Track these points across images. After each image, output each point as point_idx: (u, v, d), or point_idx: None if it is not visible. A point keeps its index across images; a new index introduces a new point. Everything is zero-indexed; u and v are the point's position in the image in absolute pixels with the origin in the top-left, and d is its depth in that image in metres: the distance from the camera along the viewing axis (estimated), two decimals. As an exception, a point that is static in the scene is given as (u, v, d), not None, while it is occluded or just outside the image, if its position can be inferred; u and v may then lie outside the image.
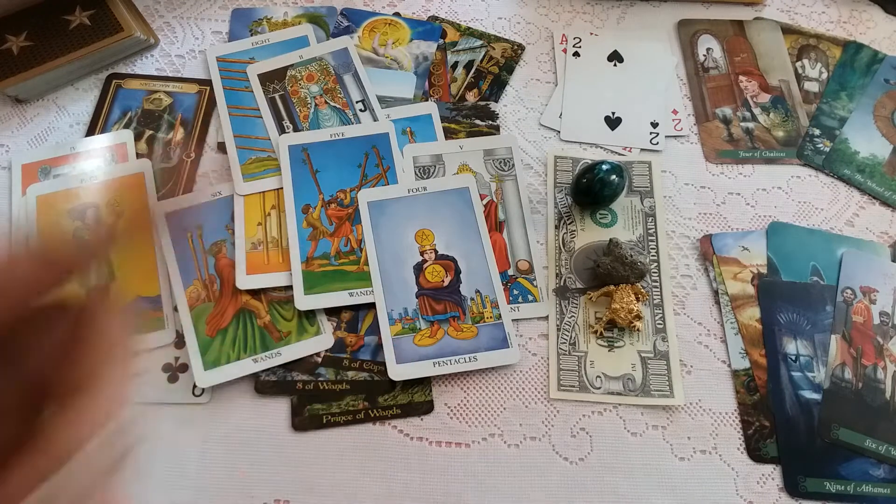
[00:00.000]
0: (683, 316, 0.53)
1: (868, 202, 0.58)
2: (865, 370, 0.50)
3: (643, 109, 0.62)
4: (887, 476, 0.47)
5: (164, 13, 0.66)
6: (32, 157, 0.58)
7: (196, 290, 0.53)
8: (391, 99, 0.61)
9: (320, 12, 0.66)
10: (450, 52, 0.64)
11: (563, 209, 0.57)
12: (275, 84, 0.61)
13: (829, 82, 0.64)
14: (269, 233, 0.55)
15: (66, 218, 0.55)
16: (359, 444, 0.48)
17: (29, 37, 0.60)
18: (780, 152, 0.60)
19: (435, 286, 0.53)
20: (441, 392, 0.50)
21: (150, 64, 0.63)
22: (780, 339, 0.51)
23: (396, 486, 0.47)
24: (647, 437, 0.49)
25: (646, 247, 0.55)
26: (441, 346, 0.51)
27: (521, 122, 0.61)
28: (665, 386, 0.50)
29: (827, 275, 0.54)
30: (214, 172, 0.58)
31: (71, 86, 0.62)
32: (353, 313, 0.52)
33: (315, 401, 0.49)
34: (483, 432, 0.49)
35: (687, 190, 0.58)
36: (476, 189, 0.56)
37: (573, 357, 0.51)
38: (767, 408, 0.49)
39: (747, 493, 0.47)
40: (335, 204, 0.56)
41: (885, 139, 0.61)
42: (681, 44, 0.66)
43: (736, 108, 0.62)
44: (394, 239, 0.54)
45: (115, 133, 0.59)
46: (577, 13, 0.67)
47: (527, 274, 0.54)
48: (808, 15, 0.68)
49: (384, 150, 0.58)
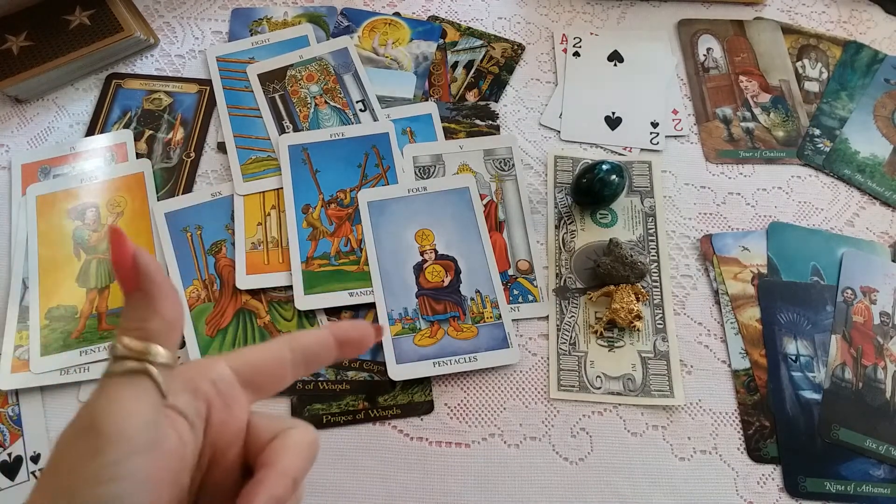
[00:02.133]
0: (683, 316, 0.53)
1: (868, 202, 0.58)
2: (865, 370, 0.50)
3: (643, 109, 0.62)
4: (887, 476, 0.47)
5: (164, 13, 0.66)
6: (32, 157, 0.58)
7: (196, 290, 0.53)
8: (391, 99, 0.61)
9: (320, 12, 0.66)
10: (450, 52, 0.64)
11: (563, 209, 0.57)
12: (275, 84, 0.61)
13: (830, 82, 0.64)
14: (268, 233, 0.55)
15: (65, 218, 0.55)
16: (359, 445, 0.48)
17: (29, 37, 0.60)
18: (780, 152, 0.60)
19: (435, 286, 0.53)
20: (441, 392, 0.50)
21: (150, 64, 0.63)
22: (781, 339, 0.51)
23: (396, 486, 0.47)
24: (647, 437, 0.49)
25: (646, 247, 0.55)
26: (441, 346, 0.51)
27: (521, 122, 0.61)
28: (665, 386, 0.50)
29: (827, 275, 0.54)
30: (214, 172, 0.58)
31: (71, 86, 0.62)
32: (353, 313, 0.52)
33: (315, 401, 0.49)
34: (483, 432, 0.49)
35: (687, 190, 0.58)
36: (476, 189, 0.56)
37: (573, 357, 0.51)
38: (767, 408, 0.49)
39: (747, 493, 0.47)
40: (335, 204, 0.56)
41: (885, 139, 0.61)
42: (681, 44, 0.66)
43: (736, 108, 0.62)
44: (394, 239, 0.54)
45: (115, 133, 0.59)
46: (577, 13, 0.67)
47: (527, 274, 0.54)
48: (809, 15, 0.67)
49: (384, 150, 0.58)
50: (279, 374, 0.26)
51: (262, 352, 0.26)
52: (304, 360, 0.27)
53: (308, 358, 0.27)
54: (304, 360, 0.27)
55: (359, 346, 0.28)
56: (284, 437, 0.24)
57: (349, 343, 0.28)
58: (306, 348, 0.27)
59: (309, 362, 0.27)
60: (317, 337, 0.27)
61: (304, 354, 0.27)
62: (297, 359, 0.26)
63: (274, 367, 0.26)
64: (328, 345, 0.27)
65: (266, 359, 0.26)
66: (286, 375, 0.26)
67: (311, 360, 0.27)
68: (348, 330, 0.28)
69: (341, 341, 0.27)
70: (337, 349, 0.28)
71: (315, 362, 0.27)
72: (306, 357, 0.27)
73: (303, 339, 0.27)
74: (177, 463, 0.22)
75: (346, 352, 0.28)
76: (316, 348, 0.27)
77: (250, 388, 0.25)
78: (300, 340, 0.27)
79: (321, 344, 0.27)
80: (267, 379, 0.26)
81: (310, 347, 0.27)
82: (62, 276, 0.53)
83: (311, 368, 0.27)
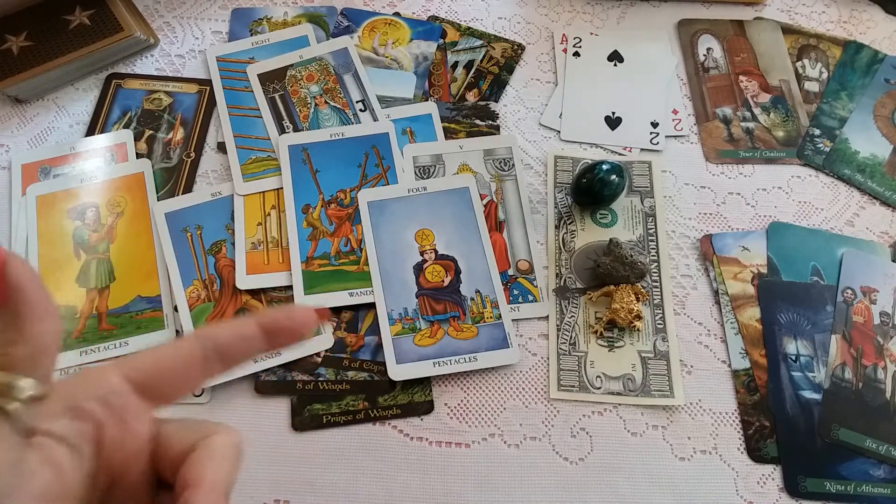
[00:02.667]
0: (683, 316, 0.53)
1: (868, 202, 0.58)
2: (865, 370, 0.50)
3: (643, 109, 0.62)
4: (887, 476, 0.47)
5: (164, 13, 0.66)
6: (32, 157, 0.58)
7: (196, 290, 0.53)
8: (391, 99, 0.61)
9: (320, 12, 0.66)
10: (450, 52, 0.64)
11: (563, 209, 0.57)
12: (275, 84, 0.61)
13: (830, 82, 0.64)
14: (268, 233, 0.55)
15: (66, 218, 0.55)
16: (359, 444, 0.48)
17: (29, 37, 0.60)
18: (780, 152, 0.60)
19: (435, 286, 0.53)
20: (441, 392, 0.50)
21: (150, 64, 0.63)
22: (781, 339, 0.51)
23: (396, 486, 0.47)
24: (647, 437, 0.49)
25: (646, 247, 0.55)
26: (441, 346, 0.51)
27: (521, 122, 0.61)
28: (665, 386, 0.50)
29: (827, 275, 0.54)
30: (214, 172, 0.58)
31: (71, 86, 0.62)
32: (353, 313, 0.52)
33: (315, 401, 0.49)
34: (483, 432, 0.49)
35: (687, 190, 0.58)
36: (476, 189, 0.56)
37: (573, 357, 0.51)
38: (767, 408, 0.49)
39: (747, 493, 0.47)
40: (335, 204, 0.56)
41: (885, 139, 0.61)
42: (681, 44, 0.66)
43: (736, 107, 0.62)
44: (394, 239, 0.54)
45: (115, 133, 0.59)
46: (577, 13, 0.67)
47: (527, 274, 0.54)
48: (809, 15, 0.67)
49: (384, 150, 0.58)
50: (186, 376, 0.23)
51: (163, 353, 0.24)
52: (220, 357, 0.24)
53: (225, 353, 0.24)
54: (219, 357, 0.24)
55: (292, 333, 0.25)
56: (206, 447, 0.22)
57: (279, 332, 0.25)
58: (221, 342, 0.24)
59: (226, 358, 0.24)
60: (236, 329, 0.25)
61: (218, 350, 0.24)
62: (210, 356, 0.24)
63: (178, 369, 0.23)
64: (250, 336, 0.24)
65: (167, 360, 0.23)
66: (196, 376, 0.24)
67: (229, 355, 0.24)
68: (278, 318, 0.25)
69: (269, 330, 0.25)
70: (265, 340, 0.25)
71: (235, 357, 0.25)
72: (222, 352, 0.24)
73: (217, 332, 0.24)
74: (54, 499, 0.20)
75: (278, 341, 0.25)
76: (234, 341, 0.24)
77: (150, 396, 0.23)
78: (214, 334, 0.24)
79: (241, 336, 0.24)
80: (170, 383, 0.23)
81: (226, 341, 0.24)
82: (62, 276, 0.53)
83: (231, 364, 0.24)
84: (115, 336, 0.51)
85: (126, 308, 0.52)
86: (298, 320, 0.25)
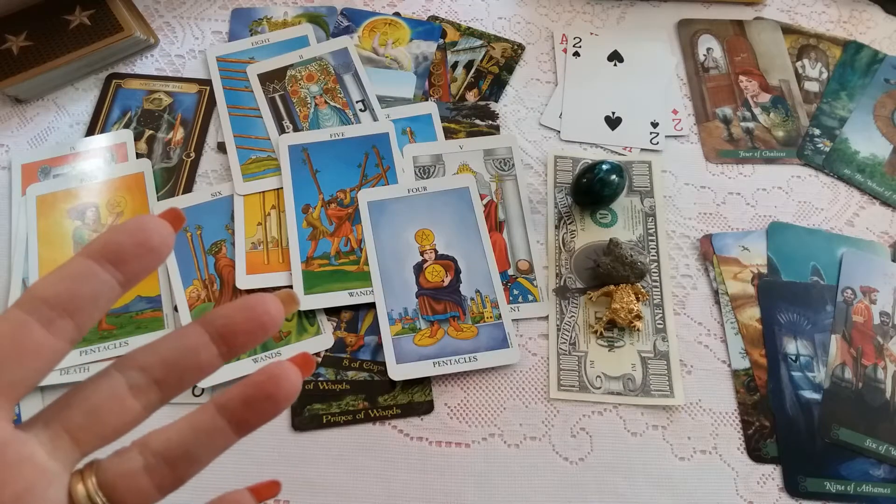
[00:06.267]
0: (683, 316, 0.53)
1: (868, 202, 0.58)
2: (866, 370, 0.50)
3: (643, 109, 0.62)
4: (888, 476, 0.47)
5: (164, 13, 0.66)
6: (32, 157, 0.58)
7: (196, 290, 0.53)
8: (391, 99, 0.61)
9: (320, 12, 0.66)
10: (450, 52, 0.64)
11: (563, 209, 0.57)
12: (275, 84, 0.61)
13: (830, 82, 0.64)
14: (268, 233, 0.55)
15: (65, 218, 0.55)
16: (359, 445, 0.48)
17: (29, 37, 0.60)
18: (780, 152, 0.60)
19: (435, 286, 0.53)
20: (441, 392, 0.50)
21: (150, 64, 0.63)
22: (781, 339, 0.51)
23: (396, 486, 0.47)
24: (647, 437, 0.49)
25: (646, 247, 0.55)
26: (441, 346, 0.51)
27: (521, 121, 0.61)
28: (665, 386, 0.50)
29: (827, 275, 0.54)
30: (214, 172, 0.58)
31: (71, 86, 0.62)
32: (353, 313, 0.52)
33: (315, 401, 0.49)
34: (483, 432, 0.49)
35: (687, 190, 0.58)
36: (476, 189, 0.56)
37: (573, 357, 0.51)
38: (767, 408, 0.49)
39: (747, 493, 0.47)
40: (335, 204, 0.56)
41: (885, 139, 0.61)
42: (681, 44, 0.66)
43: (736, 107, 0.62)
44: (394, 239, 0.54)
45: (115, 133, 0.59)
46: (577, 13, 0.67)
47: (527, 274, 0.54)
48: (809, 15, 0.67)
49: (384, 149, 0.58)
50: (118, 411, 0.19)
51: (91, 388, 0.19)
52: (155, 380, 0.19)
53: (162, 376, 0.19)
54: (153, 380, 0.19)
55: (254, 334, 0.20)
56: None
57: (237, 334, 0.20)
58: (152, 362, 0.19)
59: (172, 382, 0.19)
60: (175, 342, 0.19)
61: (155, 373, 0.19)
62: (141, 382, 0.19)
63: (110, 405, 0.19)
64: (194, 346, 0.20)
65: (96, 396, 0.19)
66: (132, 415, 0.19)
67: (174, 377, 0.19)
68: (230, 314, 0.20)
69: (224, 333, 0.20)
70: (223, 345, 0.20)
71: (182, 377, 0.19)
72: (156, 376, 0.19)
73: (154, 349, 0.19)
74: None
75: (239, 344, 0.20)
76: (173, 356, 0.19)
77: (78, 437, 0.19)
78: (141, 356, 0.19)
79: (184, 349, 0.19)
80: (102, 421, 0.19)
81: (164, 358, 0.19)
82: (62, 276, 0.53)
83: (175, 389, 0.19)
84: (115, 336, 0.51)
85: (126, 308, 0.52)
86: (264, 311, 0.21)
